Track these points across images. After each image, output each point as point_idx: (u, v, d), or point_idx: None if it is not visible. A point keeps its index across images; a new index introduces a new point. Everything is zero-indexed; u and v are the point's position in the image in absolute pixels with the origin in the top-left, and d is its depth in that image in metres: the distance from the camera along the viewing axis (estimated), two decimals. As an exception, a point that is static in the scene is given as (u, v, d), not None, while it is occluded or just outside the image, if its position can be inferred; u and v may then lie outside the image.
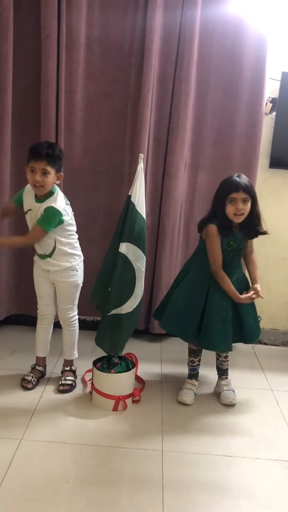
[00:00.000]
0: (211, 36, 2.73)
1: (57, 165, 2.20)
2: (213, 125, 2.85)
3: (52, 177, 2.19)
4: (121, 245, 2.27)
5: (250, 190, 2.21)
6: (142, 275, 2.36)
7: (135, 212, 2.28)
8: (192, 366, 2.54)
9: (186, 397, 2.43)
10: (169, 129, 2.79)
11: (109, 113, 2.82)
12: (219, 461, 2.01)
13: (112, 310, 2.31)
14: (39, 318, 2.52)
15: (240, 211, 2.20)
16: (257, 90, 2.78)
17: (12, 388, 2.44)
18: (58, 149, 2.23)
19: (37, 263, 2.41)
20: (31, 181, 2.19)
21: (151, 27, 2.63)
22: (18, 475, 1.84)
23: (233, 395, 2.47)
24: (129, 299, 2.33)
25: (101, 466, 1.93)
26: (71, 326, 2.49)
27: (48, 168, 2.16)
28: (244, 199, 2.20)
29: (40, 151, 2.15)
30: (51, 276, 2.38)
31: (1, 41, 2.63)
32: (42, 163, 2.15)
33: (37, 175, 2.16)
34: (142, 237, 2.32)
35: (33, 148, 2.20)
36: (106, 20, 2.71)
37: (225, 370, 2.55)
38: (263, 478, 1.94)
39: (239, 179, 2.21)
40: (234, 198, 2.19)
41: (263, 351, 3.14)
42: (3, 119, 2.71)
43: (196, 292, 2.34)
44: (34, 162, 2.16)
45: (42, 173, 2.16)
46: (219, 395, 2.50)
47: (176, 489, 1.83)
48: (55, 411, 2.28)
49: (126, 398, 2.34)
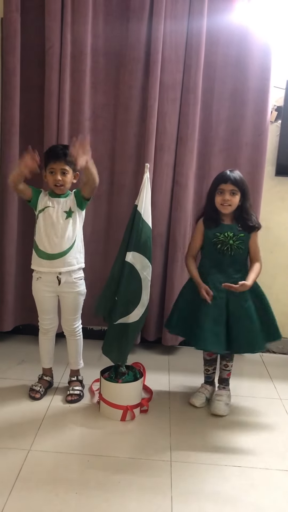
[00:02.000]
0: (216, 45, 2.75)
1: (74, 165, 2.28)
2: (218, 134, 2.86)
3: (71, 176, 2.31)
4: (127, 254, 2.28)
5: (239, 183, 2.28)
6: (148, 284, 2.36)
7: (142, 221, 2.30)
8: (207, 374, 2.56)
9: (196, 400, 2.45)
10: (178, 139, 2.80)
11: (114, 123, 2.84)
12: (228, 472, 2.00)
13: (119, 319, 2.31)
14: (42, 332, 2.50)
15: (227, 202, 2.28)
16: (262, 98, 2.79)
17: (20, 398, 2.44)
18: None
19: (42, 278, 2.38)
20: (52, 181, 2.28)
21: (157, 37, 2.66)
22: (26, 486, 1.83)
23: (223, 407, 2.41)
24: (135, 308, 2.33)
25: (110, 476, 1.92)
26: (76, 336, 2.49)
27: (66, 168, 2.28)
28: (232, 191, 2.27)
29: (57, 152, 2.28)
30: (60, 288, 2.37)
31: (9, 54, 2.67)
32: (60, 163, 2.26)
33: (57, 175, 2.27)
34: (148, 246, 2.33)
35: (50, 151, 2.33)
36: (111, 30, 2.74)
37: (224, 380, 2.51)
38: (273, 489, 1.91)
39: (230, 172, 2.29)
40: (222, 189, 2.28)
41: (271, 359, 3.12)
42: (11, 130, 2.75)
43: (196, 292, 2.34)
44: (53, 163, 2.27)
45: (62, 173, 2.27)
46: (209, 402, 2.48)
47: (185, 500, 1.81)
48: (63, 421, 2.28)
49: (134, 408, 2.33)
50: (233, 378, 2.56)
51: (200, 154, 2.87)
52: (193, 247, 2.42)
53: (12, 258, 2.92)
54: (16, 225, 2.90)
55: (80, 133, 2.78)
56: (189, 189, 2.86)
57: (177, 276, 2.92)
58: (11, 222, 2.87)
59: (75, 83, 2.73)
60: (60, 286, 2.37)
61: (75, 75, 2.72)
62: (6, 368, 2.74)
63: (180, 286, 2.91)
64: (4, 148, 2.79)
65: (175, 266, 2.92)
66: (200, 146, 2.86)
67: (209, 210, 2.35)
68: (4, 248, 2.89)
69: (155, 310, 2.99)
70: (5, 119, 2.76)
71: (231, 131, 2.85)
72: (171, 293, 2.93)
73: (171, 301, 2.91)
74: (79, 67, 2.71)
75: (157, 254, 2.92)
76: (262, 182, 2.86)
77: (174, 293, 2.92)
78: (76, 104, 2.75)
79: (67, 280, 2.36)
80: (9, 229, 2.87)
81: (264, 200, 2.90)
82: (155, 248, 2.91)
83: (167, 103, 2.76)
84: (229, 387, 2.51)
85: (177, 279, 2.92)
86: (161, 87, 2.73)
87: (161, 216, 2.88)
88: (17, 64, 2.69)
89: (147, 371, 2.63)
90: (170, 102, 2.76)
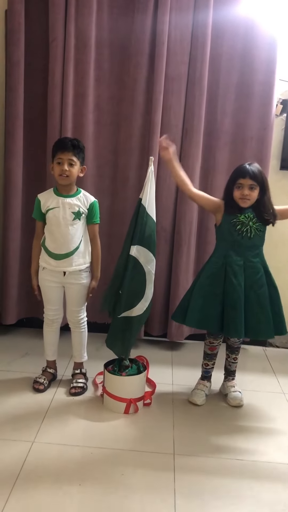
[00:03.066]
0: (221, 37, 2.73)
1: (81, 157, 2.32)
2: (224, 127, 2.84)
3: (77, 168, 2.32)
4: (131, 248, 2.28)
5: (258, 178, 2.25)
6: (152, 278, 2.36)
7: (146, 215, 2.29)
8: (205, 369, 2.54)
9: (197, 398, 2.44)
10: (183, 132, 2.79)
11: (118, 115, 2.83)
12: (231, 465, 2.00)
13: (123, 312, 2.31)
14: (47, 323, 2.51)
15: (246, 197, 2.25)
16: (268, 91, 2.77)
17: (23, 390, 2.45)
18: (81, 143, 2.35)
19: (47, 269, 2.39)
20: (58, 171, 2.29)
21: (162, 29, 2.64)
22: (30, 478, 1.84)
23: (240, 396, 2.47)
24: (139, 301, 2.33)
25: (113, 469, 1.93)
26: (81, 328, 2.49)
27: (74, 159, 2.29)
28: (250, 185, 2.25)
29: (66, 143, 2.30)
30: (65, 279, 2.38)
31: (14, 46, 2.66)
32: (68, 154, 2.28)
33: (64, 165, 2.28)
34: (152, 240, 2.33)
35: (59, 142, 2.35)
36: (116, 23, 2.73)
37: (232, 372, 2.54)
38: (275, 483, 1.92)
39: (249, 166, 2.26)
40: (241, 184, 2.26)
41: (274, 354, 3.12)
42: (15, 124, 2.75)
43: (214, 280, 2.32)
44: (61, 153, 2.28)
45: (69, 164, 2.28)
46: (226, 396, 2.49)
47: (188, 493, 1.82)
48: (67, 413, 2.29)
49: (137, 401, 2.34)
50: (237, 372, 2.57)
51: (205, 147, 2.86)
52: (203, 193, 2.39)
53: (16, 251, 2.92)
54: (20, 218, 2.90)
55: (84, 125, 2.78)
56: (194, 182, 2.83)
57: (182, 271, 2.92)
58: (15, 216, 2.87)
59: (79, 75, 2.71)
60: (66, 277, 2.38)
61: (79, 67, 2.70)
62: (10, 361, 2.75)
63: (185, 281, 2.92)
64: (8, 141, 2.79)
65: (180, 261, 2.91)
66: (205, 139, 2.85)
67: (229, 201, 2.31)
68: (8, 242, 2.89)
69: (159, 305, 2.99)
70: (9, 112, 2.75)
71: (236, 124, 2.84)
72: (176, 288, 2.93)
73: (176, 295, 2.92)
74: (83, 59, 2.69)
75: (162, 249, 2.91)
76: (268, 176, 2.84)
77: (179, 288, 2.92)
78: (80, 97, 2.74)
79: (75, 271, 2.38)
80: (13, 223, 2.87)
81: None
82: (160, 242, 2.91)
83: (172, 96, 2.74)
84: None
85: (182, 274, 2.92)
86: (166, 79, 2.72)
87: (166, 210, 2.87)
88: (21, 56, 2.68)
89: (150, 365, 2.64)
90: (175, 94, 2.74)
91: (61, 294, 2.46)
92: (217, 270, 2.31)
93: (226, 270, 2.29)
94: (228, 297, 2.28)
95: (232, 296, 2.27)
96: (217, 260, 2.34)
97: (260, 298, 2.30)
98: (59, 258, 2.35)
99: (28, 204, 2.84)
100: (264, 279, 2.32)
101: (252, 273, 2.30)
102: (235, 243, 2.30)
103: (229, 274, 2.28)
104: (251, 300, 2.29)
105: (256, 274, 2.31)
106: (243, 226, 2.28)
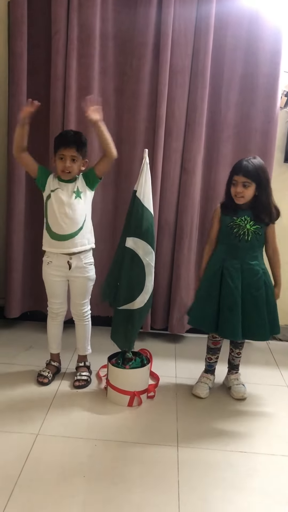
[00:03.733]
0: (225, 29, 2.71)
1: (83, 151, 2.31)
2: (227, 120, 2.83)
3: (79, 163, 2.31)
4: (127, 240, 2.27)
5: (252, 175, 2.20)
6: (151, 270, 2.35)
7: (142, 207, 2.27)
8: (209, 363, 2.54)
9: (200, 391, 2.45)
10: (186, 124, 2.77)
11: (122, 108, 2.82)
12: (234, 457, 2.01)
13: (123, 305, 2.31)
14: (51, 316, 2.52)
15: (239, 194, 2.23)
16: (272, 83, 2.75)
17: (28, 383, 2.46)
18: (84, 137, 2.34)
19: (53, 263, 2.39)
20: (61, 167, 2.29)
21: (166, 20, 2.62)
22: (34, 469, 1.86)
23: (243, 389, 2.48)
24: (140, 294, 2.33)
25: (117, 461, 1.94)
26: (85, 321, 2.50)
27: (76, 155, 2.27)
28: (244, 183, 2.21)
29: (68, 139, 2.29)
30: (71, 273, 2.38)
31: (17, 39, 2.65)
32: (71, 150, 2.26)
33: (67, 161, 2.26)
34: (150, 232, 2.32)
35: (61, 136, 2.34)
36: (120, 14, 2.70)
37: (236, 366, 2.55)
38: (278, 475, 1.93)
39: (246, 162, 2.22)
40: (236, 180, 2.24)
41: (278, 347, 3.13)
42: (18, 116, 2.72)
43: (211, 282, 2.33)
44: (64, 149, 2.27)
45: (71, 160, 2.27)
46: (230, 390, 2.50)
47: (192, 485, 1.83)
48: (71, 406, 2.30)
49: (141, 393, 2.35)
50: (240, 365, 2.57)
51: (208, 140, 2.84)
52: (211, 233, 2.39)
53: (19, 245, 2.93)
54: (23, 212, 2.90)
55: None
56: (197, 176, 2.84)
57: (184, 264, 2.92)
58: (18, 209, 2.87)
59: (82, 68, 2.70)
60: (71, 271, 2.38)
61: (83, 60, 2.69)
62: (15, 354, 2.76)
63: (186, 274, 2.92)
64: (11, 134, 2.77)
65: (181, 254, 2.91)
66: (208, 132, 2.83)
67: (227, 198, 2.32)
68: (12, 234, 2.89)
69: (162, 299, 2.99)
70: (12, 105, 2.74)
71: (240, 117, 2.82)
72: (177, 281, 2.93)
73: (177, 288, 2.93)
74: (87, 51, 2.67)
75: (165, 242, 2.91)
76: (272, 169, 2.83)
77: (180, 282, 2.93)
78: (84, 89, 2.72)
79: (77, 265, 2.37)
80: (17, 216, 2.87)
81: (273, 188, 2.86)
82: (163, 236, 2.91)
83: (175, 88, 2.73)
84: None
85: (184, 267, 2.92)
86: (170, 71, 2.70)
87: (169, 204, 2.87)
88: (24, 48, 2.67)
89: (154, 358, 2.64)
90: (179, 87, 2.72)
91: (66, 287, 2.46)
92: (214, 273, 2.32)
93: (223, 274, 2.29)
94: (225, 300, 2.28)
95: (228, 299, 2.27)
96: (214, 263, 2.35)
97: (257, 301, 2.29)
98: (65, 238, 2.33)
99: (31, 196, 2.84)
100: (262, 281, 2.31)
101: (249, 276, 2.28)
102: (232, 246, 2.30)
103: (226, 277, 2.28)
104: (248, 303, 2.28)
105: (254, 276, 2.29)
106: (240, 229, 2.27)
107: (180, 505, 1.72)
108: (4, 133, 2.85)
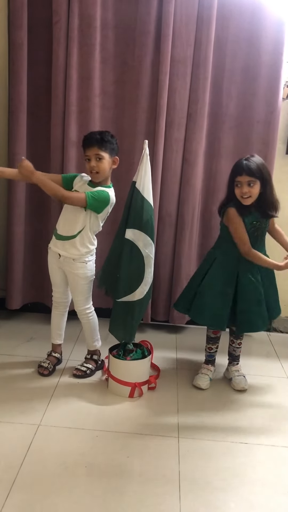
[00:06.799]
0: (227, 18, 2.68)
1: (110, 149, 2.25)
2: (229, 110, 2.80)
3: (107, 161, 2.26)
4: (127, 231, 2.26)
5: (256, 173, 2.18)
6: (151, 262, 2.34)
7: (141, 199, 2.25)
8: (209, 353, 2.55)
9: (201, 382, 2.45)
10: (188, 115, 2.75)
11: (123, 99, 2.79)
12: (235, 448, 2.02)
13: (123, 297, 2.31)
14: (54, 305, 2.53)
15: (246, 194, 2.20)
16: (275, 74, 2.72)
17: (29, 374, 2.47)
18: (109, 135, 2.28)
19: (52, 249, 2.41)
20: (88, 168, 2.26)
21: (168, 10, 2.59)
22: (36, 460, 1.86)
23: (244, 380, 2.48)
24: (139, 285, 2.32)
25: (118, 452, 1.95)
26: (85, 319, 2.49)
27: (101, 153, 2.23)
28: (248, 182, 2.19)
29: (90, 138, 2.25)
30: (61, 264, 2.39)
31: (17, 28, 2.62)
32: (94, 149, 2.23)
33: (92, 161, 2.24)
34: (150, 224, 2.30)
35: (84, 138, 2.30)
36: (121, 3, 2.67)
37: (237, 357, 2.56)
38: (279, 466, 1.94)
39: (246, 161, 2.19)
40: (240, 181, 2.21)
41: (278, 339, 3.13)
42: (19, 108, 2.72)
43: (225, 280, 2.32)
44: (87, 150, 2.25)
45: (97, 159, 2.23)
46: (231, 381, 2.50)
47: (193, 476, 1.84)
48: (72, 397, 2.31)
49: (142, 385, 2.36)
50: (241, 357, 2.58)
51: (209, 131, 2.82)
52: (246, 239, 2.25)
53: (20, 237, 2.92)
54: (24, 203, 2.89)
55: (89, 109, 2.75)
56: (198, 167, 2.82)
57: (184, 255, 2.91)
58: (19, 201, 2.86)
59: (84, 57, 2.67)
60: (61, 262, 2.38)
61: (84, 49, 2.66)
62: (15, 346, 2.77)
63: (187, 266, 2.92)
64: (12, 125, 2.76)
65: (182, 245, 2.90)
66: (210, 122, 2.81)
67: (236, 201, 2.26)
68: (12, 226, 2.89)
69: (163, 290, 2.99)
70: (12, 96, 2.72)
71: (242, 107, 2.80)
72: (178, 273, 2.93)
73: (179, 280, 2.92)
74: (88, 41, 2.64)
75: (167, 234, 2.90)
76: (274, 160, 2.82)
77: (181, 273, 2.92)
78: (85, 79, 2.70)
79: (65, 260, 2.36)
80: (17, 208, 2.86)
81: (275, 179, 2.81)
82: (164, 227, 2.90)
83: (177, 79, 2.70)
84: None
85: (185, 258, 2.91)
86: (171, 61, 2.67)
87: (170, 195, 2.85)
88: (24, 38, 2.64)
89: (155, 350, 2.65)
90: (181, 77, 2.70)
91: (64, 277, 2.45)
92: (231, 272, 2.32)
93: (240, 272, 2.30)
94: (248, 295, 2.30)
95: (255, 293, 2.31)
96: (228, 262, 2.32)
97: (271, 280, 2.38)
98: (58, 238, 2.37)
99: (32, 189, 2.82)
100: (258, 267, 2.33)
101: (262, 266, 2.31)
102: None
103: (246, 273, 2.30)
104: (267, 289, 2.35)
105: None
106: (257, 231, 2.29)
107: (181, 496, 1.73)
108: (5, 125, 2.83)
